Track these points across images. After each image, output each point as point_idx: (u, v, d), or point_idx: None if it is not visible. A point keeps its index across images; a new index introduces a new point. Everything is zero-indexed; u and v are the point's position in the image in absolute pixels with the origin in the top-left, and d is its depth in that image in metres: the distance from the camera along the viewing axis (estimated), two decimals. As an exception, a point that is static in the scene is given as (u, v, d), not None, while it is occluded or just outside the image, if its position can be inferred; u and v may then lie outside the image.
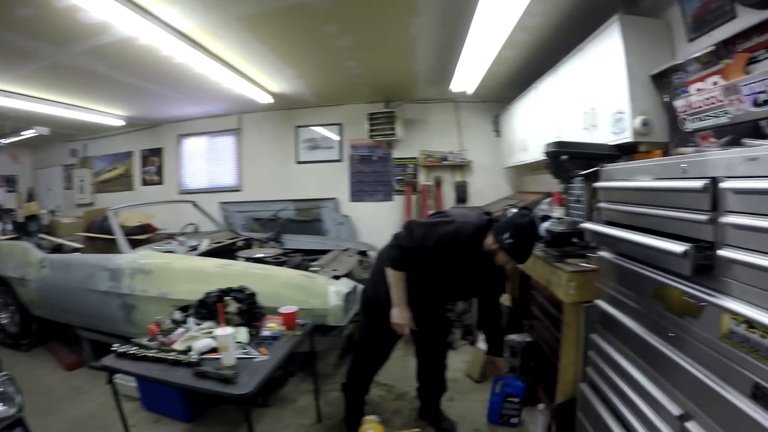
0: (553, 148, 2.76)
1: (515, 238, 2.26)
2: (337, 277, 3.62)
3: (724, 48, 2.20)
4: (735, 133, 1.98)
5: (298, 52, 4.38)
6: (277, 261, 4.03)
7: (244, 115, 7.26)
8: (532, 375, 3.29)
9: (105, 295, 3.74)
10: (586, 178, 2.73)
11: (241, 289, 2.84)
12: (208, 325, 2.62)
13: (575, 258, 2.65)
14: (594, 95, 3.17)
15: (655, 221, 1.72)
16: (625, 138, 2.80)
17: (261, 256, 4.10)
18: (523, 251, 2.32)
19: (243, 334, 2.53)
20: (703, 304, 1.44)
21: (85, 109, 6.13)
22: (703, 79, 2.36)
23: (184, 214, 5.57)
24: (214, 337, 2.33)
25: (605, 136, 3.01)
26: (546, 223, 2.90)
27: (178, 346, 2.40)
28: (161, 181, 7.87)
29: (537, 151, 4.39)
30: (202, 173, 7.70)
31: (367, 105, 6.53)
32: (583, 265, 2.53)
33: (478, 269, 2.49)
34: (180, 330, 2.60)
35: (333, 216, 6.69)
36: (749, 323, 1.24)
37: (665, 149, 2.69)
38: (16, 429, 2.01)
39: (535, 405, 2.95)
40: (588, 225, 2.30)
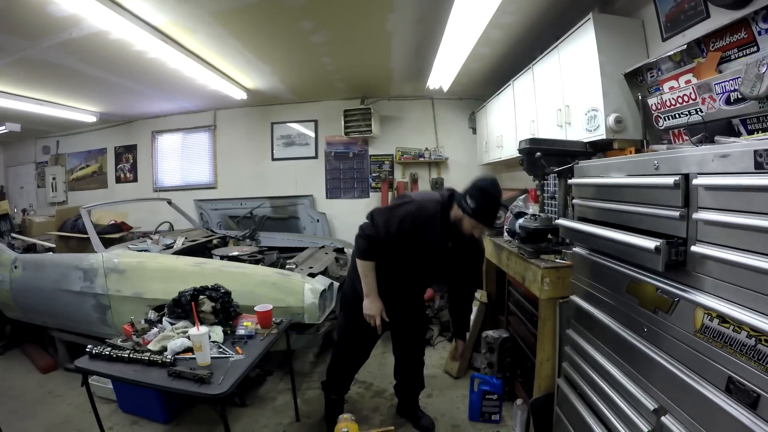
0: (527, 145, 2.78)
1: (478, 200, 2.27)
2: (312, 274, 3.59)
3: (697, 47, 2.24)
4: (708, 131, 2.02)
5: (273, 48, 4.32)
6: (253, 259, 3.99)
7: (219, 112, 7.14)
8: (509, 370, 3.31)
9: (79, 296, 3.67)
10: (560, 175, 2.76)
11: (215, 288, 2.80)
12: (182, 324, 2.58)
13: (550, 254, 2.68)
14: (568, 93, 3.19)
15: (628, 217, 1.73)
16: (599, 135, 2.82)
17: (236, 254, 4.05)
18: (487, 212, 2.31)
19: (218, 333, 2.50)
20: (676, 300, 1.46)
21: (57, 105, 5.93)
22: (676, 77, 2.39)
23: (158, 212, 5.48)
24: (189, 337, 2.30)
25: (579, 133, 3.04)
26: (521, 220, 2.92)
27: (152, 347, 2.37)
28: (135, 179, 7.67)
29: (512, 148, 4.41)
30: (177, 170, 7.54)
31: (343, 101, 6.48)
32: (558, 261, 2.56)
33: (451, 246, 2.49)
34: (154, 330, 2.55)
35: (309, 213, 6.63)
36: (722, 318, 1.26)
37: (639, 146, 2.73)
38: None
39: (514, 400, 2.98)
40: (562, 221, 2.31)
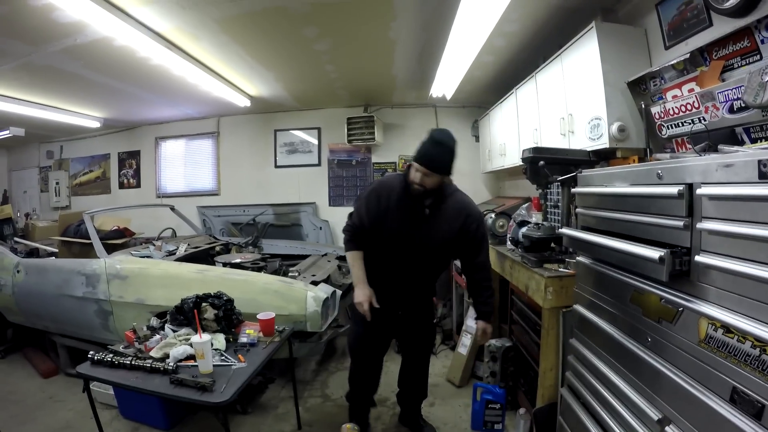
0: (531, 154, 2.79)
1: (423, 145, 2.35)
2: (315, 282, 3.59)
3: (700, 55, 2.24)
4: (711, 140, 2.01)
5: (277, 55, 4.33)
6: (256, 266, 3.99)
7: (222, 118, 7.16)
8: (512, 380, 3.29)
9: (81, 301, 3.68)
10: (563, 184, 2.75)
11: (218, 295, 2.80)
12: (184, 331, 2.58)
13: (553, 263, 2.67)
14: (571, 101, 3.20)
15: (631, 227, 1.73)
16: (602, 144, 2.82)
17: (239, 261, 4.06)
18: (428, 155, 2.35)
19: (220, 340, 2.50)
20: (680, 310, 1.45)
21: (61, 110, 5.96)
22: (680, 86, 2.39)
23: (161, 218, 5.49)
24: (191, 344, 2.29)
25: (582, 142, 3.04)
26: (524, 229, 2.92)
27: (154, 354, 2.37)
28: (139, 185, 7.70)
29: (515, 156, 4.42)
30: (180, 177, 7.56)
31: (346, 109, 6.50)
32: (561, 270, 2.55)
33: (429, 212, 2.48)
34: (157, 337, 2.56)
35: (312, 220, 6.64)
36: (726, 328, 1.25)
37: (642, 155, 2.72)
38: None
39: (516, 409, 2.96)
40: (566, 231, 2.31)
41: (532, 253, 2.80)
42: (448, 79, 4.58)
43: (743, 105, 1.90)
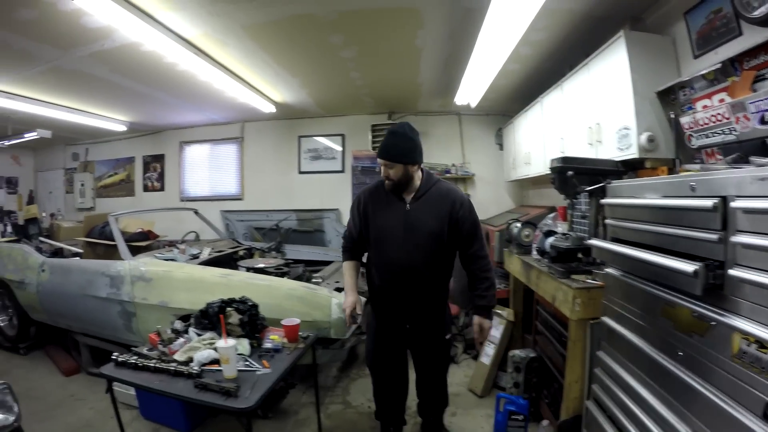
0: (560, 164, 2.77)
1: (383, 139, 2.46)
2: (339, 289, 3.60)
3: (731, 65, 2.21)
4: (742, 151, 1.98)
5: (303, 62, 4.40)
6: (279, 272, 4.01)
7: (246, 124, 7.29)
8: (535, 391, 3.26)
9: (104, 302, 3.72)
10: (591, 194, 2.73)
11: (243, 300, 2.81)
12: (209, 335, 2.59)
13: (581, 274, 2.64)
14: (599, 111, 3.17)
15: (662, 239, 1.71)
16: (631, 154, 2.80)
17: (262, 266, 4.08)
18: (387, 146, 2.43)
19: (245, 345, 2.50)
20: (712, 324, 1.43)
21: (88, 113, 6.14)
22: (710, 96, 2.36)
23: (185, 221, 5.56)
24: (216, 349, 2.31)
25: (610, 151, 3.01)
26: (551, 239, 2.89)
27: (178, 357, 2.37)
28: (163, 188, 7.89)
29: (541, 165, 4.39)
30: (204, 181, 7.71)
31: (371, 116, 6.56)
32: (589, 281, 2.52)
33: (408, 207, 2.50)
34: (181, 340, 2.56)
35: (335, 227, 6.68)
36: (760, 343, 1.23)
37: (671, 166, 2.68)
38: (13, 437, 2.00)
39: (540, 421, 2.93)
40: (595, 242, 2.29)
41: (559, 263, 2.77)
42: (473, 87, 4.58)
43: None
